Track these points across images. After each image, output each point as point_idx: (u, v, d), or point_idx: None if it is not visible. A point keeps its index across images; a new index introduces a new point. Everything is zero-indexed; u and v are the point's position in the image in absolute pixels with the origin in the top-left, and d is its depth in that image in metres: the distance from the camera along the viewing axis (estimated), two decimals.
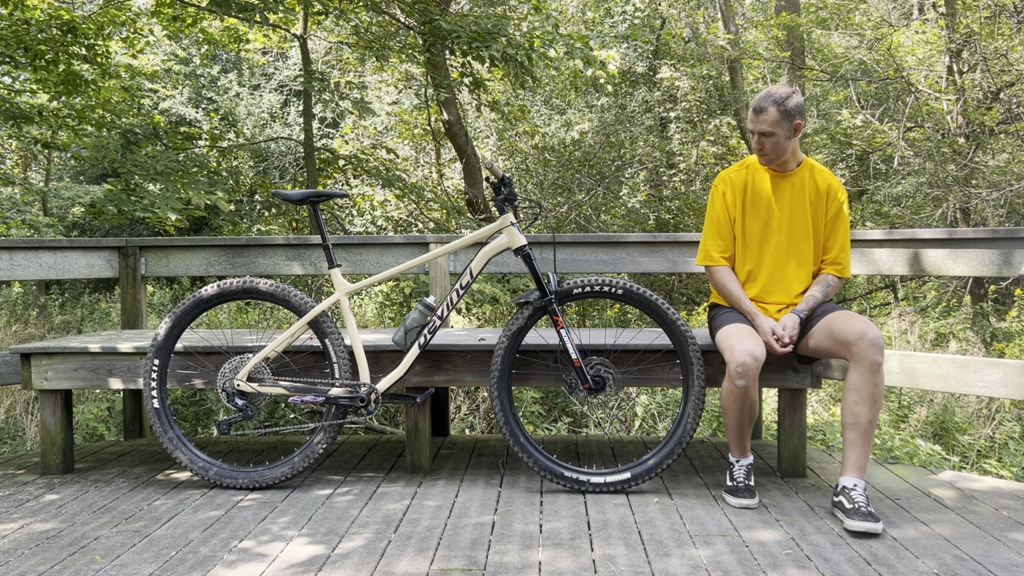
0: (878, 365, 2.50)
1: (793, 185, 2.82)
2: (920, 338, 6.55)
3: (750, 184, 2.86)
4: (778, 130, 2.71)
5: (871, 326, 2.55)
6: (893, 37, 9.08)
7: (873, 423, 2.53)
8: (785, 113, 2.70)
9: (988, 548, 2.29)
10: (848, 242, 2.83)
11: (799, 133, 2.74)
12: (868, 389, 2.50)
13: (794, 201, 2.81)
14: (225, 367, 2.91)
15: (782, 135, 2.72)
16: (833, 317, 2.66)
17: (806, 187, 2.82)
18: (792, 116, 2.71)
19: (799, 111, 2.72)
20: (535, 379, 3.02)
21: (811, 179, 2.82)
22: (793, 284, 2.83)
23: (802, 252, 2.82)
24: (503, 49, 5.97)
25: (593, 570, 2.14)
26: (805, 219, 2.81)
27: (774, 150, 2.74)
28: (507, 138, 10.57)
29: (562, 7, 11.16)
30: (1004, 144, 8.93)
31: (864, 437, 2.51)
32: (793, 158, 2.81)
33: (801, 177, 2.83)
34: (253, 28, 8.22)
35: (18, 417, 4.78)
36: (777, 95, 2.71)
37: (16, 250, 3.73)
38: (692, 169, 10.44)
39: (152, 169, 6.32)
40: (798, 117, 2.72)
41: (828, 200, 2.81)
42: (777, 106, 2.69)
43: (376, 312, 7.02)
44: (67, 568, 2.19)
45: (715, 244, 2.88)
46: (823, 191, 2.81)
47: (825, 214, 2.81)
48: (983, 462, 4.19)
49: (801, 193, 2.81)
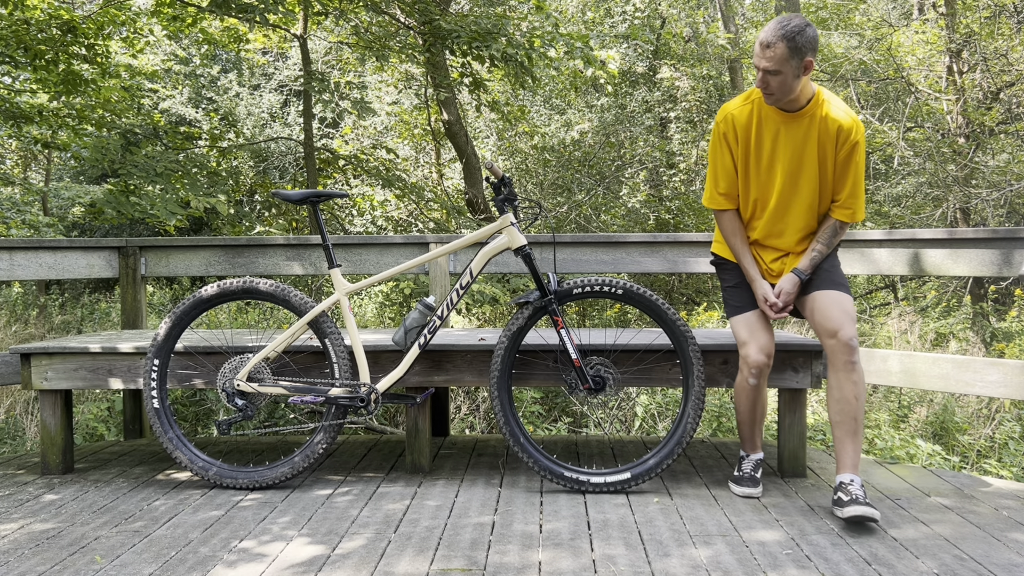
0: (851, 364, 2.48)
1: (801, 125, 2.56)
2: (920, 338, 6.55)
3: (754, 122, 2.61)
4: (785, 68, 2.44)
5: (845, 324, 2.49)
6: (893, 37, 9.08)
7: (857, 420, 2.50)
8: (795, 49, 2.41)
9: (988, 548, 2.29)
10: (861, 184, 2.57)
11: (810, 71, 2.47)
12: (846, 387, 2.49)
13: (801, 143, 2.57)
14: (225, 367, 2.91)
15: (790, 73, 2.45)
16: (820, 297, 2.57)
17: (815, 127, 2.55)
18: (803, 52, 2.42)
19: (811, 46, 2.43)
20: (535, 379, 3.02)
21: (822, 118, 2.54)
22: (795, 231, 2.66)
23: (807, 198, 2.61)
24: (503, 49, 5.97)
25: (593, 570, 2.14)
26: (812, 162, 2.57)
27: (780, 89, 2.49)
28: (507, 138, 10.57)
29: (562, 7, 11.16)
30: (1004, 144, 8.93)
31: (851, 435, 2.50)
32: (802, 95, 2.53)
33: (811, 115, 2.55)
34: (253, 28, 8.23)
35: (18, 417, 4.78)
36: (789, 27, 2.41)
37: (16, 250, 3.73)
38: (692, 169, 10.44)
39: (152, 170, 6.32)
40: (809, 53, 2.43)
41: (840, 142, 2.54)
42: (787, 41, 2.40)
43: (376, 312, 7.02)
44: (67, 568, 2.19)
45: (719, 185, 2.70)
46: (833, 132, 2.54)
47: (835, 156, 2.56)
48: (983, 462, 4.19)
49: (810, 134, 2.55)
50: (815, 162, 2.57)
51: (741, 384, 2.69)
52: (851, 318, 2.51)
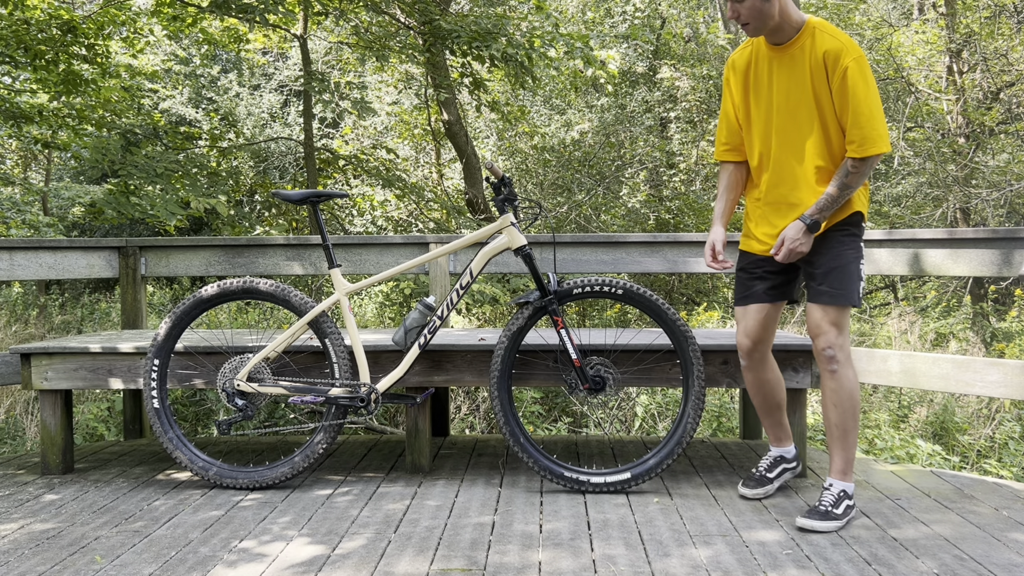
0: (828, 373, 2.45)
1: (793, 58, 2.37)
2: (920, 338, 6.55)
3: (753, 64, 2.48)
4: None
5: (824, 331, 2.43)
6: (893, 37, 9.08)
7: (841, 427, 2.46)
8: None
9: (988, 548, 2.29)
10: (864, 112, 2.29)
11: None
12: (827, 394, 2.47)
13: (792, 79, 2.38)
14: (225, 367, 2.91)
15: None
16: (808, 305, 2.48)
17: (806, 58, 2.35)
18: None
19: None
20: (535, 379, 3.02)
21: (811, 46, 2.34)
22: (807, 183, 2.43)
23: (806, 142, 2.40)
24: (503, 49, 5.97)
25: (593, 570, 2.14)
26: (808, 98, 2.37)
27: (753, 16, 2.33)
28: (507, 138, 10.57)
29: (562, 7, 11.16)
30: (1004, 144, 8.93)
31: (836, 440, 2.48)
32: (787, 24, 2.35)
33: (801, 46, 2.36)
34: (253, 28, 8.23)
35: (18, 417, 4.78)
36: None
37: (16, 250, 3.73)
38: (692, 169, 10.44)
39: (152, 171, 6.32)
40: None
41: (829, 68, 2.31)
42: None
43: (376, 312, 7.02)
44: (67, 568, 2.19)
45: (721, 134, 2.61)
46: (820, 59, 2.32)
47: (828, 86, 2.33)
48: (983, 462, 4.19)
49: (802, 67, 2.36)
50: (811, 98, 2.37)
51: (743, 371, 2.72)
52: (834, 325, 2.43)
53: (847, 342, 2.47)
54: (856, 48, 2.30)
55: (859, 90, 2.28)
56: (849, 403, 2.46)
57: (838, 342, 2.44)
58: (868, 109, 2.29)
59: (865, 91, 2.29)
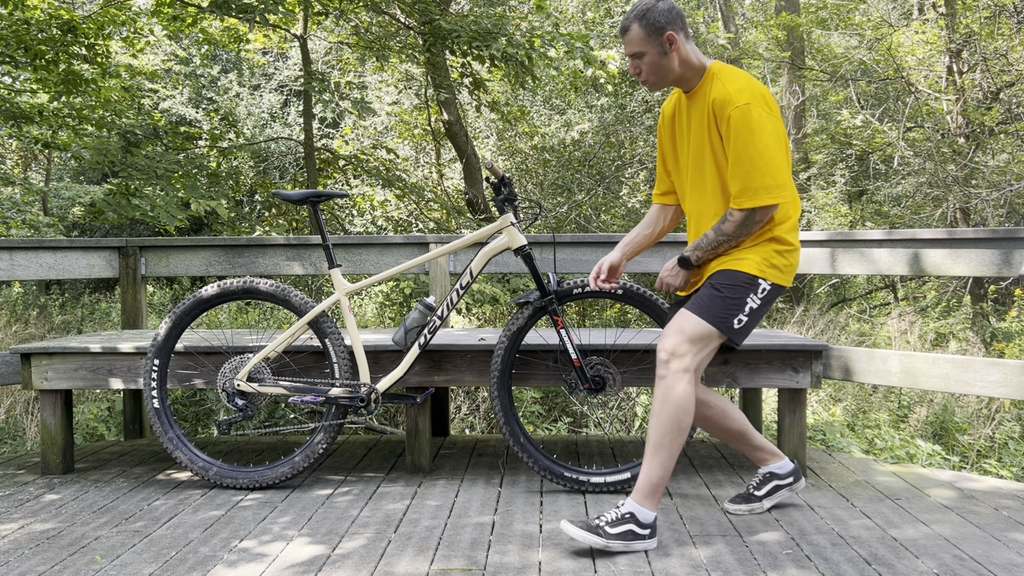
0: (659, 378, 2.25)
1: (698, 107, 2.33)
2: (920, 338, 6.55)
3: (677, 112, 2.45)
4: (646, 48, 2.28)
5: (667, 335, 2.27)
6: (893, 37, 9.08)
7: (655, 440, 2.24)
8: (650, 26, 2.26)
9: (988, 548, 2.29)
10: (744, 161, 2.19)
11: (676, 46, 2.28)
12: (654, 402, 2.28)
13: (699, 126, 2.33)
14: (225, 367, 2.91)
15: (654, 52, 2.28)
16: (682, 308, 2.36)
17: (706, 105, 2.29)
18: (660, 28, 2.26)
19: (666, 19, 2.26)
20: (535, 379, 3.02)
21: (708, 93, 2.29)
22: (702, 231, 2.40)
23: (710, 189, 2.35)
24: (503, 49, 5.97)
25: (593, 570, 2.14)
26: (706, 147, 2.32)
27: (652, 72, 2.31)
28: (507, 138, 10.57)
29: (562, 7, 11.16)
30: (1004, 144, 8.93)
31: (647, 454, 2.27)
32: (690, 73, 2.32)
33: (703, 92, 2.32)
34: (253, 28, 8.22)
35: (18, 417, 4.78)
36: (637, 8, 2.28)
37: (16, 250, 3.73)
38: None
39: (152, 172, 6.32)
40: (669, 27, 2.26)
41: (717, 116, 2.25)
42: (638, 20, 2.27)
43: (376, 312, 7.02)
44: (67, 568, 2.19)
45: (658, 180, 2.60)
46: (710, 106, 2.27)
47: (719, 133, 2.27)
48: (983, 462, 4.19)
49: (702, 114, 2.31)
50: (708, 145, 2.31)
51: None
52: (679, 332, 2.26)
53: (693, 363, 2.25)
54: (744, 95, 2.20)
55: (740, 139, 2.19)
56: (671, 421, 2.23)
57: (679, 350, 2.24)
58: (750, 159, 2.18)
59: (747, 141, 2.18)
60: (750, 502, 2.62)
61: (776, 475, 2.62)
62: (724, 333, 2.29)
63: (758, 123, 2.18)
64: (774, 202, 2.21)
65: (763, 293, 2.31)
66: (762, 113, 2.19)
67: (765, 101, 2.23)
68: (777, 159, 2.20)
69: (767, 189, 2.20)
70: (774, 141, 2.21)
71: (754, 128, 2.18)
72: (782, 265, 2.34)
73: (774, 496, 2.63)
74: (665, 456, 2.25)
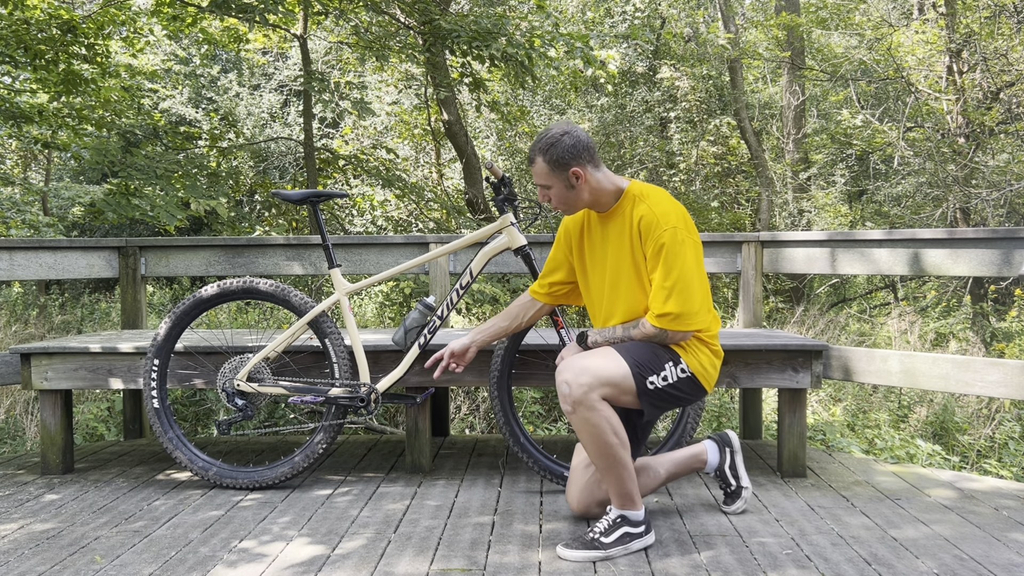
0: (567, 413, 2.22)
1: (617, 225, 2.32)
2: (920, 338, 6.55)
3: (585, 227, 2.43)
4: (552, 182, 2.28)
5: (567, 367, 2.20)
6: (893, 37, 9.08)
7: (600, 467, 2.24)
8: (554, 163, 2.24)
9: (988, 548, 2.29)
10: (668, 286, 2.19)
11: (583, 179, 2.26)
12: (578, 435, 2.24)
13: (620, 244, 2.31)
14: (225, 367, 2.91)
15: (560, 186, 2.28)
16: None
17: (627, 226, 2.28)
18: (565, 164, 2.24)
19: (574, 155, 2.24)
20: (535, 379, 3.02)
21: (630, 213, 2.28)
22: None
23: (633, 304, 2.31)
24: (503, 49, 5.97)
25: (593, 570, 2.14)
26: (629, 264, 2.30)
27: (560, 202, 2.32)
28: (507, 138, 10.57)
29: (562, 7, 11.16)
30: (1004, 144, 8.93)
31: (604, 476, 2.26)
32: (604, 197, 2.31)
33: (622, 214, 2.30)
34: (253, 28, 8.22)
35: (18, 417, 4.78)
36: (542, 141, 2.26)
37: (16, 250, 3.73)
38: (692, 169, 10.44)
39: (152, 172, 6.32)
40: (574, 163, 2.24)
41: (644, 238, 2.24)
42: (542, 155, 2.25)
43: (376, 312, 7.02)
44: (67, 568, 2.19)
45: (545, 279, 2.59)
46: (635, 227, 2.26)
47: (644, 256, 2.26)
48: (983, 462, 4.19)
49: (621, 234, 2.30)
50: (631, 262, 2.29)
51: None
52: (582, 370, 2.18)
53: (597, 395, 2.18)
54: (670, 218, 2.21)
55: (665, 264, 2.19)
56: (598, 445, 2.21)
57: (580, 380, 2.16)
58: (673, 284, 2.18)
59: (672, 265, 2.18)
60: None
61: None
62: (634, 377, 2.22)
63: (682, 248, 2.20)
64: (688, 330, 2.23)
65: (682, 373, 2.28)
66: (685, 238, 2.21)
67: (687, 224, 2.25)
68: (695, 284, 2.22)
69: (687, 316, 2.21)
70: (695, 265, 2.23)
71: (678, 253, 2.19)
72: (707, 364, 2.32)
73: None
74: (618, 469, 2.24)
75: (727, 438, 2.65)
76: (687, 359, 2.29)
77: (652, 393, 2.25)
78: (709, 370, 2.33)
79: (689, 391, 2.31)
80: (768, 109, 12.43)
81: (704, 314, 2.26)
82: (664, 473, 2.54)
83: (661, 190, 2.32)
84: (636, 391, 2.23)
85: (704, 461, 2.61)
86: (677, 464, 2.57)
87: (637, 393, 2.24)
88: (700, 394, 2.35)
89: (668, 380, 2.26)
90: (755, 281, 3.67)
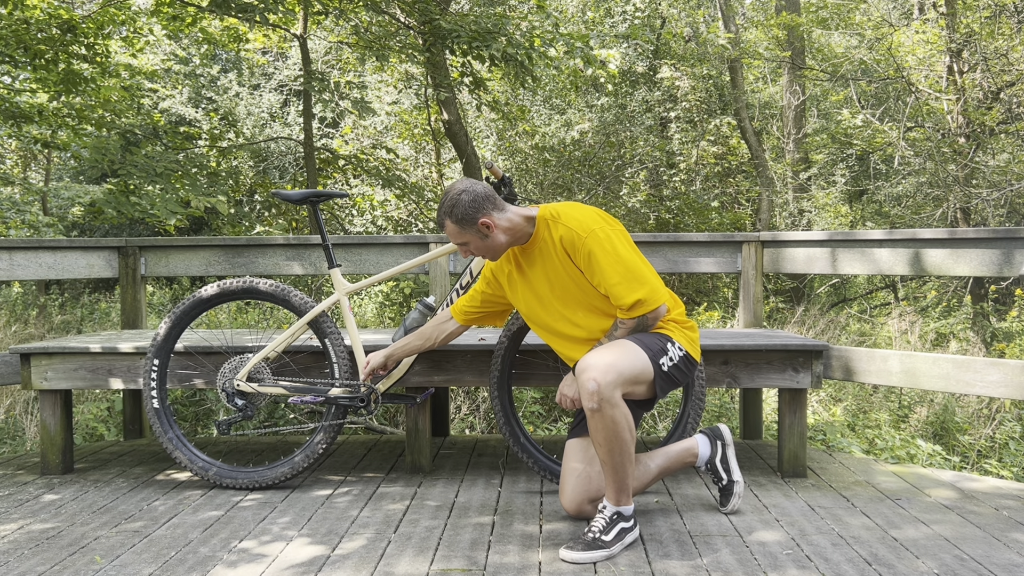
0: (591, 411, 2.21)
1: (543, 252, 2.39)
2: (920, 338, 6.55)
3: (515, 265, 2.50)
4: (466, 237, 2.34)
5: (592, 365, 2.21)
6: (893, 37, 9.08)
7: (608, 463, 2.26)
8: (460, 221, 2.30)
9: (988, 548, 2.29)
10: (614, 279, 2.27)
11: (493, 226, 2.32)
12: (593, 433, 2.26)
13: (549, 269, 2.40)
14: (225, 367, 2.91)
15: (475, 239, 2.34)
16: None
17: (550, 249, 2.37)
18: (471, 219, 2.30)
19: (477, 208, 2.29)
20: (535, 379, 3.02)
21: (550, 237, 2.36)
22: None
23: (583, 321, 2.41)
24: (503, 48, 5.96)
25: (593, 570, 2.14)
26: (568, 284, 2.38)
27: (483, 252, 2.38)
28: (507, 138, 10.56)
29: (562, 7, 11.16)
30: (1004, 144, 8.93)
31: (606, 471, 2.29)
32: (520, 232, 2.38)
33: (543, 238, 2.38)
34: (253, 28, 8.22)
35: (18, 417, 4.78)
36: (445, 203, 2.32)
37: (16, 250, 3.73)
38: (692, 169, 10.44)
39: (152, 170, 6.31)
40: (479, 215, 2.30)
41: (572, 255, 2.33)
42: (449, 217, 2.32)
43: (376, 312, 7.02)
44: (67, 568, 2.18)
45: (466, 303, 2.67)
46: (560, 249, 2.34)
47: (577, 268, 2.35)
48: (983, 462, 4.19)
49: (550, 257, 2.38)
50: (570, 281, 2.38)
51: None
52: (608, 367, 2.21)
53: (620, 393, 2.22)
54: (585, 225, 2.29)
55: (604, 264, 2.27)
56: (614, 441, 2.24)
57: (606, 379, 2.19)
58: (621, 276, 2.27)
59: (611, 262, 2.27)
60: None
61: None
62: (649, 366, 2.30)
63: (609, 243, 2.29)
64: (659, 305, 2.32)
65: (680, 351, 2.40)
66: (608, 233, 2.30)
67: (603, 220, 2.34)
68: (639, 264, 2.32)
69: (652, 294, 2.30)
70: (629, 249, 2.33)
71: (608, 249, 2.28)
72: (688, 339, 2.45)
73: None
74: (625, 467, 2.30)
75: (718, 431, 2.66)
76: (676, 338, 2.41)
77: (665, 375, 2.35)
78: (694, 343, 2.47)
79: (686, 368, 2.43)
80: (768, 109, 12.43)
81: (661, 287, 2.35)
82: (655, 468, 2.56)
83: (569, 204, 2.40)
84: (653, 376, 2.32)
85: (695, 455, 2.61)
86: (668, 458, 2.59)
87: (654, 377, 2.32)
88: (693, 368, 2.47)
89: (673, 360, 2.38)
90: (755, 281, 3.67)
